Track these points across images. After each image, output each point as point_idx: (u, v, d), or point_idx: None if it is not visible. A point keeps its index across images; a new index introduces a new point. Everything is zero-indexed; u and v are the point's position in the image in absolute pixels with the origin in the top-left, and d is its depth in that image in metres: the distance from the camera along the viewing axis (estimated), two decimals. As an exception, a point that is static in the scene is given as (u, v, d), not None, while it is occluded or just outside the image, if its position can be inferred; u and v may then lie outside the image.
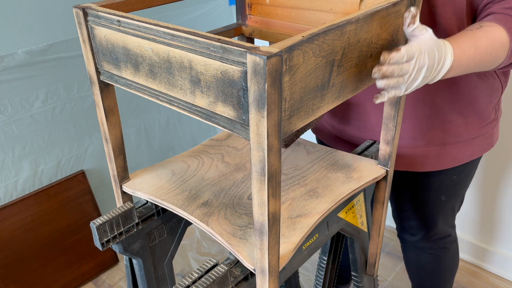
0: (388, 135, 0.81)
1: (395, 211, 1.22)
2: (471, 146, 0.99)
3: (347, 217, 0.89)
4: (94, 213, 1.75)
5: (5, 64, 1.40)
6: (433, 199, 1.10)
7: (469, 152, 1.00)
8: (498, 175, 1.56)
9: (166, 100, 0.62)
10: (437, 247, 1.22)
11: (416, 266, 1.31)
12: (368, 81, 0.66)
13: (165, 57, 0.58)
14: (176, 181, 0.83)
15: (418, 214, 1.14)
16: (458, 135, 0.97)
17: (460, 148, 0.99)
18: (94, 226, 0.75)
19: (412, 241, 1.24)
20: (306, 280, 1.75)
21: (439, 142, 0.97)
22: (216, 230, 0.71)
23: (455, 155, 1.00)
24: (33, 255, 1.60)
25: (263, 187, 0.53)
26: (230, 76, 0.51)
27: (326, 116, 1.11)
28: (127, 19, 0.61)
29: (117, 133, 0.78)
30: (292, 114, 0.53)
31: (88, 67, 0.72)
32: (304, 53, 0.50)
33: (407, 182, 1.08)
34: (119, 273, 1.82)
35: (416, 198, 1.12)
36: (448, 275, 1.32)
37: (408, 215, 1.17)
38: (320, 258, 1.14)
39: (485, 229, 1.70)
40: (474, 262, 1.77)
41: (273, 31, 0.90)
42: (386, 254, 1.85)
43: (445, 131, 0.96)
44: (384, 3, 0.62)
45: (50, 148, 1.60)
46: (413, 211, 1.14)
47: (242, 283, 0.70)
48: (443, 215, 1.14)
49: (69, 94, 1.59)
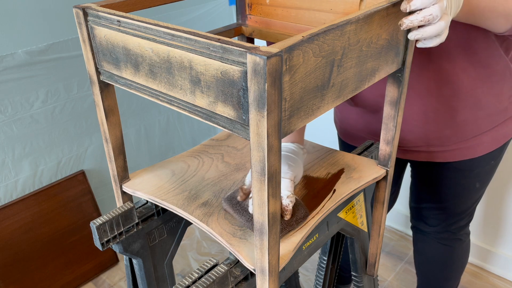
0: (388, 135, 0.81)
1: (415, 202, 1.24)
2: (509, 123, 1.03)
3: (347, 217, 0.89)
4: (94, 213, 1.76)
5: (5, 64, 1.40)
6: (469, 186, 1.11)
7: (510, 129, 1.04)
8: (501, 176, 1.56)
9: (166, 100, 0.62)
10: (453, 238, 1.23)
11: (427, 259, 1.32)
12: (368, 81, 0.66)
13: (165, 57, 0.58)
14: (176, 181, 0.83)
15: (446, 203, 1.15)
16: (505, 113, 1.01)
17: (507, 124, 1.02)
18: (94, 226, 0.75)
19: (428, 232, 1.25)
20: (306, 280, 1.75)
21: (490, 125, 1.00)
22: (216, 230, 0.71)
23: (505, 133, 1.03)
24: (33, 255, 1.60)
25: (263, 187, 0.53)
26: (230, 76, 0.51)
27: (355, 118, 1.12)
28: (127, 19, 0.61)
29: (117, 133, 0.78)
30: (292, 114, 0.53)
31: (88, 67, 0.72)
32: (304, 53, 0.50)
33: (443, 171, 1.10)
34: (119, 273, 1.82)
35: (450, 186, 1.12)
36: (459, 270, 1.33)
37: (433, 204, 1.18)
38: (320, 258, 1.14)
39: (487, 230, 1.70)
40: (474, 263, 1.77)
41: (273, 31, 0.90)
42: (386, 254, 1.85)
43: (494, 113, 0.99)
44: (384, 3, 0.62)
45: (50, 148, 1.60)
46: (441, 200, 1.15)
47: (242, 283, 0.70)
48: (472, 204, 1.17)
49: (69, 94, 1.59)
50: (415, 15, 0.61)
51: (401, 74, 0.73)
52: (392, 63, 0.69)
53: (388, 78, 0.75)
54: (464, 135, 1.00)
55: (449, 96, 0.94)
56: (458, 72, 0.91)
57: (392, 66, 0.70)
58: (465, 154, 1.04)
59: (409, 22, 0.61)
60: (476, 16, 0.76)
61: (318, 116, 0.58)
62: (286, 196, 0.70)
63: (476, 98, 0.95)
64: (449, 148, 1.03)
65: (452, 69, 0.90)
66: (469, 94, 0.94)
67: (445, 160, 1.05)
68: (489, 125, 1.00)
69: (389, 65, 0.69)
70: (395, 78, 0.74)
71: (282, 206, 0.68)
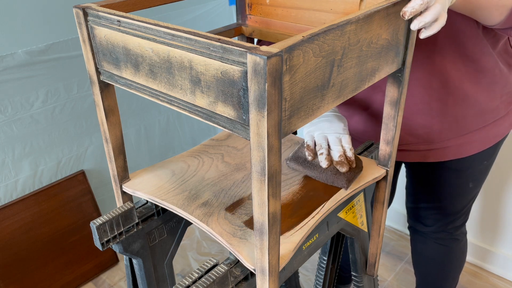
0: (388, 135, 0.81)
1: (411, 202, 1.24)
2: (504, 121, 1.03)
3: (347, 217, 0.89)
4: (94, 213, 1.76)
5: (5, 64, 1.40)
6: (462, 186, 1.11)
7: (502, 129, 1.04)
8: (499, 175, 1.56)
9: (166, 100, 0.62)
10: (450, 238, 1.24)
11: (425, 259, 1.32)
12: (368, 81, 0.66)
13: (165, 57, 0.58)
14: (176, 181, 0.83)
15: (441, 203, 1.16)
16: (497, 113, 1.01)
17: (499, 124, 1.02)
18: (94, 226, 0.75)
19: (425, 232, 1.25)
20: (306, 280, 1.75)
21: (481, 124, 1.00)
22: (216, 230, 0.71)
23: (496, 133, 1.03)
24: (33, 255, 1.60)
25: (263, 187, 0.53)
26: (230, 76, 0.51)
27: None
28: (127, 19, 0.61)
29: (117, 133, 0.78)
30: (292, 114, 0.53)
31: (88, 67, 0.72)
32: (304, 53, 0.50)
33: (436, 171, 1.10)
34: (119, 273, 1.82)
35: (444, 186, 1.12)
36: (457, 269, 1.33)
37: (429, 204, 1.18)
38: (320, 258, 1.14)
39: (486, 229, 1.70)
40: (474, 262, 1.77)
41: (273, 31, 0.90)
42: (386, 254, 1.85)
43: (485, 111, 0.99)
44: (384, 3, 0.62)
45: (50, 148, 1.60)
46: (436, 200, 1.16)
47: (242, 283, 0.70)
48: (466, 203, 1.17)
49: (69, 94, 1.59)
50: (413, 1, 0.62)
51: (401, 74, 0.73)
52: (392, 63, 0.70)
53: (388, 78, 0.75)
54: (454, 132, 1.00)
55: (438, 88, 0.94)
56: (446, 64, 0.91)
57: (392, 66, 0.70)
58: (455, 153, 1.04)
59: (411, 9, 0.62)
60: (474, 3, 0.77)
61: (318, 116, 0.58)
62: (349, 149, 0.84)
63: (465, 93, 0.95)
64: (439, 146, 1.03)
65: (441, 60, 0.91)
66: (457, 88, 0.94)
67: (435, 159, 1.05)
68: (479, 123, 1.00)
69: (389, 65, 0.69)
70: (395, 78, 0.74)
71: (348, 158, 0.82)
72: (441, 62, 0.91)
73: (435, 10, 0.63)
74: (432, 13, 0.63)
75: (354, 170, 0.81)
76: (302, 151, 0.87)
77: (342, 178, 0.80)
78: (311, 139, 0.88)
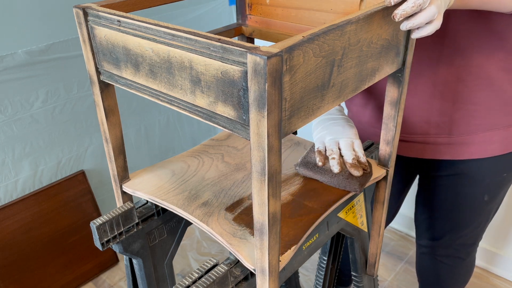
0: (388, 135, 0.81)
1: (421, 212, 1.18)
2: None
3: (347, 217, 0.89)
4: (94, 213, 1.76)
5: (5, 64, 1.40)
6: (476, 197, 1.05)
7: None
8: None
9: (166, 100, 0.62)
10: (456, 257, 1.19)
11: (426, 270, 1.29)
12: (369, 81, 0.66)
13: (165, 57, 0.58)
14: (176, 181, 0.83)
15: (452, 213, 1.10)
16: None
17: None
18: (94, 226, 0.75)
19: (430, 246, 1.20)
20: (306, 280, 1.75)
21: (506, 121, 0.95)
22: (216, 230, 0.71)
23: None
24: (33, 255, 1.60)
25: (263, 187, 0.53)
26: (230, 76, 0.51)
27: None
28: (127, 19, 0.61)
29: (117, 133, 0.78)
30: (292, 114, 0.53)
31: (88, 67, 0.72)
32: (304, 53, 0.50)
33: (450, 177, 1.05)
34: (119, 273, 1.82)
35: (457, 195, 1.07)
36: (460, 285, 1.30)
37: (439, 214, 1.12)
38: (320, 258, 1.14)
39: (491, 231, 1.69)
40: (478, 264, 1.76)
41: (273, 31, 0.90)
42: (386, 254, 1.85)
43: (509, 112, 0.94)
44: (384, 3, 0.62)
45: (50, 148, 1.60)
46: (447, 209, 1.10)
47: (242, 283, 0.69)
48: (479, 219, 1.10)
49: (69, 94, 1.59)
50: (406, 3, 0.60)
51: (401, 74, 0.73)
52: (392, 63, 0.70)
53: (388, 78, 0.75)
54: (475, 125, 0.95)
55: (460, 66, 0.88)
56: (472, 41, 0.86)
57: (392, 66, 0.70)
58: (474, 152, 0.97)
59: (401, 12, 0.59)
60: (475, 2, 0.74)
61: (318, 116, 0.58)
62: (362, 154, 0.84)
63: (489, 76, 0.89)
64: (458, 141, 0.97)
65: (467, 36, 0.86)
66: (481, 68, 0.88)
67: (451, 157, 0.99)
68: (503, 120, 0.94)
69: (389, 65, 0.69)
70: (395, 78, 0.74)
71: (362, 163, 0.82)
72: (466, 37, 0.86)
73: (428, 13, 0.61)
74: (425, 16, 0.61)
75: (365, 174, 0.81)
76: (311, 156, 0.86)
77: (355, 182, 0.79)
78: (322, 144, 0.87)
